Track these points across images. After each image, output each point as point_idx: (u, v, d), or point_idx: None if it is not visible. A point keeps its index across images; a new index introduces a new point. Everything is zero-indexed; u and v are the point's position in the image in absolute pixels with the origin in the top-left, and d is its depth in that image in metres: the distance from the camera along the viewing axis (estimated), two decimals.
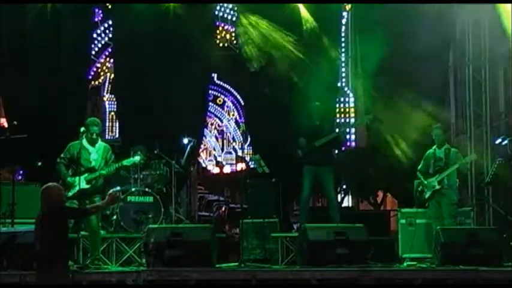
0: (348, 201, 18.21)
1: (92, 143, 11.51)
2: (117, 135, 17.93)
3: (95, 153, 11.50)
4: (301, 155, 13.04)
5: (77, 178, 11.32)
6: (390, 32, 14.75)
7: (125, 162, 11.83)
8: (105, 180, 11.85)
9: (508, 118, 15.47)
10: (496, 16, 14.25)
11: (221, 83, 19.97)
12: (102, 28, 17.32)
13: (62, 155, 11.52)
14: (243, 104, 18.85)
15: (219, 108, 20.90)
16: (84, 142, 11.43)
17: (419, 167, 12.47)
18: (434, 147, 12.41)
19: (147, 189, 13.06)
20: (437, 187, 12.15)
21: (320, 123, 13.24)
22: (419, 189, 12.38)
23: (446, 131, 12.41)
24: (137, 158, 12.12)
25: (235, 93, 19.99)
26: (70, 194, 11.27)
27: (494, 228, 12.71)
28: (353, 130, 16.98)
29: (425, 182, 12.25)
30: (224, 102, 20.68)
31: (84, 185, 11.30)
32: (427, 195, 12.25)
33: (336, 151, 14.19)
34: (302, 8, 15.33)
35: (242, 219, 13.16)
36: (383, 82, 14.90)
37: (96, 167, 11.44)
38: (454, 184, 12.26)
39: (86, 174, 11.34)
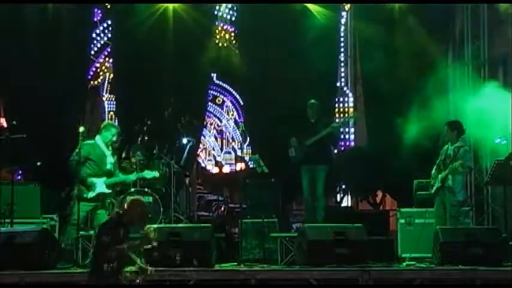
0: (347, 201, 18.17)
1: (108, 147, 11.62)
2: None
3: (111, 157, 11.65)
4: (293, 155, 13.02)
5: (97, 180, 11.41)
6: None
7: (146, 174, 12.22)
8: (123, 185, 12.11)
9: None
10: (496, 15, 14.28)
11: (220, 82, 19.93)
12: (101, 28, 17.28)
13: (75, 154, 11.53)
14: (242, 103, 18.82)
15: (218, 108, 20.82)
16: (100, 143, 11.53)
17: (437, 161, 12.46)
18: (449, 143, 12.39)
19: (146, 189, 13.06)
20: (439, 184, 12.15)
21: (315, 121, 13.19)
22: (431, 183, 12.36)
23: (453, 129, 12.37)
24: (156, 173, 12.43)
25: (235, 93, 19.95)
26: (90, 195, 11.37)
27: (494, 228, 12.73)
28: (352, 130, 16.96)
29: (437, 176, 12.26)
30: (223, 102, 20.58)
31: (104, 189, 11.53)
32: (433, 190, 12.26)
33: (336, 150, 14.16)
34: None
35: (241, 219, 13.15)
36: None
37: (112, 171, 11.61)
38: (458, 184, 12.21)
39: (105, 178, 11.47)
